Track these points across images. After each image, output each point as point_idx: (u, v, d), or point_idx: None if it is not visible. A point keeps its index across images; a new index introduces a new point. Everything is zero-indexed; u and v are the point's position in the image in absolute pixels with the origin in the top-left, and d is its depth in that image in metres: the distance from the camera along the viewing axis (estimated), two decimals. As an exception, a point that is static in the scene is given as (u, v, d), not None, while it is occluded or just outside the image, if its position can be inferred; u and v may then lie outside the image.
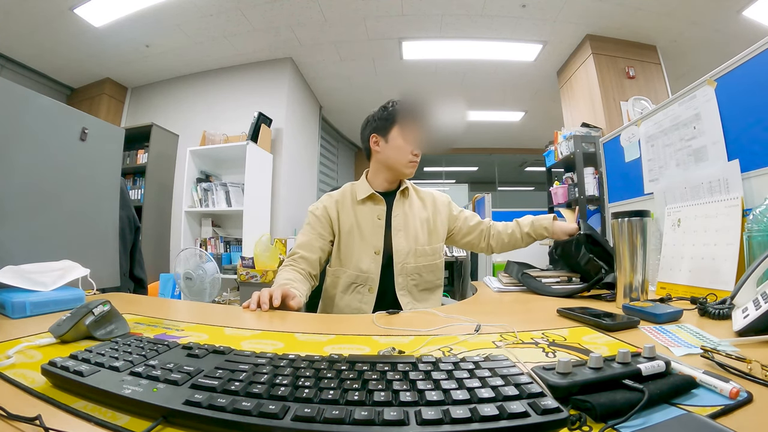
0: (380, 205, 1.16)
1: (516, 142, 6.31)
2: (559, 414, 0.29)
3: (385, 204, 1.16)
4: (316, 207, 1.19)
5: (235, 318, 0.73)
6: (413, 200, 1.22)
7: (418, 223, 1.17)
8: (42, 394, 0.34)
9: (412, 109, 1.13)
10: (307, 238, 1.13)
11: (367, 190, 1.17)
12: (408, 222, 1.17)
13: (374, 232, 1.13)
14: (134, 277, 1.70)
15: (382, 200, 1.16)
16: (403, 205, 1.19)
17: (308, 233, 1.15)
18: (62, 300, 0.73)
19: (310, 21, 3.29)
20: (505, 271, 1.21)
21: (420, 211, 1.21)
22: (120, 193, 1.59)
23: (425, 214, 1.20)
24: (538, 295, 0.99)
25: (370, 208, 1.16)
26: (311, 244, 1.12)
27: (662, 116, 1.25)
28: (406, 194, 1.21)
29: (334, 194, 1.23)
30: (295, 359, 0.39)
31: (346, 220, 1.15)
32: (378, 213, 1.15)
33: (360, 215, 1.16)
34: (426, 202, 1.24)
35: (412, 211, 1.19)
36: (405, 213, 1.17)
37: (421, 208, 1.22)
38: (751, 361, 0.38)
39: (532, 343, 0.52)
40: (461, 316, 0.70)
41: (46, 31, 3.21)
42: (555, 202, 3.42)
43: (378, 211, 1.16)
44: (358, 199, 1.17)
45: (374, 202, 1.17)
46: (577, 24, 3.28)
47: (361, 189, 1.19)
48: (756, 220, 0.75)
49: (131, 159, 3.66)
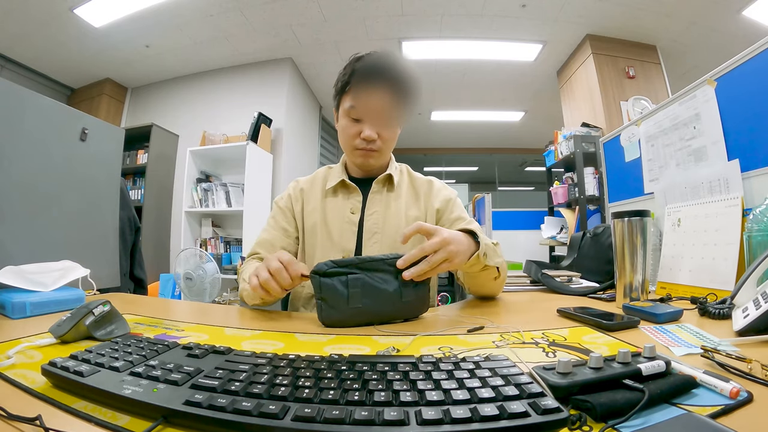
0: (355, 196, 0.92)
1: (516, 142, 6.32)
2: (559, 414, 0.29)
3: (361, 195, 0.92)
4: (281, 197, 0.99)
5: (235, 318, 0.73)
6: (401, 191, 0.95)
7: (403, 224, 0.90)
8: (42, 394, 0.34)
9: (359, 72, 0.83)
10: (268, 236, 0.93)
11: (337, 176, 0.93)
12: (388, 222, 0.90)
13: (344, 230, 0.89)
14: (134, 277, 1.70)
15: (356, 190, 0.92)
16: (383, 200, 0.92)
17: (270, 229, 0.95)
18: (62, 300, 0.73)
19: (310, 21, 3.29)
20: (524, 271, 1.18)
21: (409, 206, 0.93)
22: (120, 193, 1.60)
23: (415, 212, 0.93)
24: (537, 294, 1.00)
25: (342, 201, 0.92)
26: (272, 243, 0.92)
27: (662, 116, 1.25)
28: (390, 183, 0.94)
29: (301, 181, 1.00)
30: (295, 359, 0.39)
31: (311, 214, 0.93)
32: (351, 206, 0.91)
33: (329, 208, 0.92)
34: (420, 195, 0.96)
35: (396, 207, 0.92)
36: (385, 209, 0.91)
37: (412, 202, 0.94)
38: (752, 360, 0.38)
39: (533, 343, 0.52)
40: (461, 317, 0.70)
41: (46, 32, 3.21)
42: (555, 202, 3.42)
43: (351, 205, 0.91)
44: (327, 187, 0.94)
45: (347, 192, 0.93)
46: (577, 24, 3.28)
47: (333, 175, 0.95)
48: (756, 220, 0.75)
49: (131, 159, 3.66)
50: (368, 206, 0.91)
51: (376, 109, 0.82)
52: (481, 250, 0.69)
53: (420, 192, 0.97)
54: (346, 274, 0.62)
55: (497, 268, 0.75)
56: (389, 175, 0.94)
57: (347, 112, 0.84)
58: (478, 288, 0.83)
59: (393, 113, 0.84)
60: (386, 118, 0.84)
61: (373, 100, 0.81)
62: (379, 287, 0.63)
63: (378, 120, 0.84)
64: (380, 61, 0.84)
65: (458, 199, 0.98)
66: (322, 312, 0.62)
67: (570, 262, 1.26)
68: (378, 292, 0.62)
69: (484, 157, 7.01)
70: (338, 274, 0.62)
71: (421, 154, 6.67)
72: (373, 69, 0.82)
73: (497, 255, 0.77)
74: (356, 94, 0.82)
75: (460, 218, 0.93)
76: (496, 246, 0.79)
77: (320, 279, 0.62)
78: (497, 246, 0.80)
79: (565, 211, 3.20)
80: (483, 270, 0.73)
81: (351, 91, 0.83)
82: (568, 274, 1.07)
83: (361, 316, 0.62)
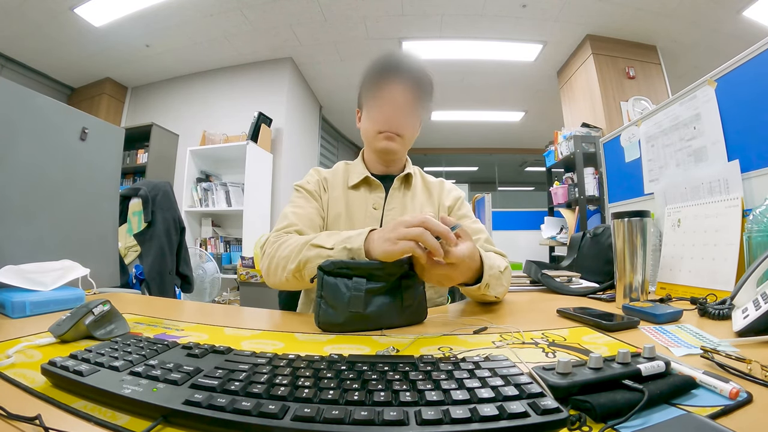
0: (378, 192, 0.95)
1: (516, 142, 6.32)
2: (559, 414, 0.29)
3: (384, 191, 0.95)
4: (307, 181, 0.97)
5: (235, 318, 0.73)
6: (417, 190, 0.99)
7: None
8: (42, 393, 0.34)
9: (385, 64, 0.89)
10: (304, 211, 0.88)
11: (361, 173, 0.95)
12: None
13: (366, 225, 0.89)
14: (180, 273, 1.81)
15: (380, 186, 0.95)
16: (402, 196, 0.96)
17: (306, 205, 0.90)
18: (62, 300, 0.72)
19: (310, 21, 3.29)
20: (524, 271, 1.18)
21: (423, 204, 0.98)
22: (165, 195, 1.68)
23: (429, 209, 0.98)
24: (537, 295, 1.00)
25: (365, 195, 0.95)
26: (311, 218, 0.87)
27: (662, 116, 1.25)
28: (408, 182, 0.99)
29: (322, 171, 1.01)
30: (295, 359, 0.39)
31: (335, 204, 0.93)
32: (374, 202, 0.94)
33: (352, 202, 0.94)
34: (433, 194, 1.01)
35: (413, 205, 0.96)
36: (404, 207, 0.95)
37: (427, 201, 0.99)
38: (751, 361, 0.38)
39: (532, 343, 0.52)
40: (461, 317, 0.70)
41: (46, 31, 3.21)
42: (555, 202, 3.42)
43: (374, 200, 0.94)
44: (350, 184, 0.95)
45: (370, 188, 0.96)
46: (577, 24, 3.28)
47: (355, 171, 0.97)
48: (756, 221, 0.75)
49: (131, 159, 3.67)
50: (388, 202, 0.94)
51: (400, 99, 0.88)
52: (483, 282, 0.68)
53: (433, 192, 1.01)
54: (350, 276, 0.61)
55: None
56: (408, 174, 0.98)
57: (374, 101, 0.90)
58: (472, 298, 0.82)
59: (415, 104, 0.90)
60: (409, 108, 0.89)
61: (398, 89, 0.87)
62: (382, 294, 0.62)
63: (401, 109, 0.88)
64: (404, 57, 0.95)
65: (465, 200, 1.04)
66: (320, 311, 0.60)
67: (570, 262, 1.26)
68: (381, 299, 0.61)
69: (484, 157, 7.01)
70: (343, 275, 0.61)
71: (421, 154, 6.67)
72: (399, 62, 0.90)
73: (500, 285, 0.75)
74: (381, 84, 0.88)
75: (466, 216, 0.98)
76: (503, 273, 0.76)
77: (324, 276, 0.61)
78: (506, 271, 0.78)
79: (565, 212, 3.20)
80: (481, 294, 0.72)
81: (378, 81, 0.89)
82: (567, 275, 1.07)
83: (360, 322, 0.60)
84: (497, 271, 0.73)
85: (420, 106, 0.91)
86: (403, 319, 0.63)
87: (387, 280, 0.62)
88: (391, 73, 0.88)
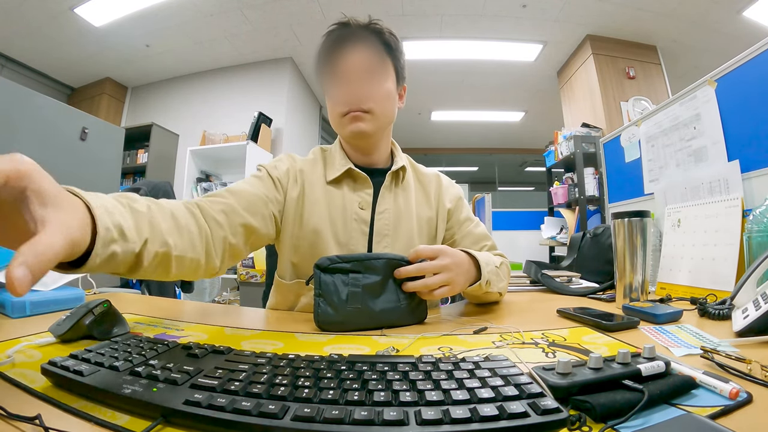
0: (365, 189, 0.78)
1: (516, 142, 6.32)
2: (559, 414, 0.29)
3: (371, 188, 0.78)
4: (275, 166, 0.78)
5: (235, 318, 0.73)
6: (409, 186, 0.83)
7: (415, 226, 0.79)
8: (42, 393, 0.34)
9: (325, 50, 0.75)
10: (253, 189, 0.70)
11: (342, 165, 0.78)
12: (400, 224, 0.78)
13: (352, 229, 0.75)
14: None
15: (367, 181, 0.77)
16: (394, 196, 0.80)
17: (256, 185, 0.72)
18: (62, 299, 0.72)
19: (310, 21, 3.29)
20: (524, 271, 1.18)
21: (420, 205, 0.83)
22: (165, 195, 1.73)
23: (427, 212, 0.83)
24: (537, 295, 1.00)
25: (347, 192, 0.77)
26: (252, 202, 0.68)
27: (662, 116, 1.25)
28: (400, 178, 0.82)
29: (299, 160, 0.82)
30: (295, 359, 0.39)
31: (314, 209, 0.75)
32: (360, 200, 0.77)
33: (332, 202, 0.77)
34: (429, 191, 0.85)
35: (407, 207, 0.80)
36: (398, 209, 0.79)
37: (422, 200, 0.84)
38: (751, 361, 0.38)
39: (532, 343, 0.52)
40: (461, 317, 0.70)
41: (46, 31, 3.21)
42: (555, 202, 3.42)
43: (360, 199, 0.77)
44: (329, 179, 0.78)
45: (354, 183, 0.78)
46: (577, 24, 3.28)
47: (334, 162, 0.79)
48: (756, 221, 0.75)
49: (131, 159, 3.67)
50: (379, 203, 0.78)
51: (357, 66, 0.73)
52: (484, 279, 0.67)
53: (429, 189, 0.86)
54: (347, 271, 0.61)
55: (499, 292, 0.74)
56: (402, 168, 0.82)
57: (330, 80, 0.75)
58: (475, 301, 0.81)
59: (377, 68, 0.75)
60: (370, 75, 0.74)
61: (351, 55, 0.73)
62: (380, 290, 0.62)
63: (360, 79, 0.73)
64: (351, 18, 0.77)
65: (465, 199, 0.92)
66: (319, 310, 0.60)
67: (570, 262, 1.26)
68: (379, 295, 0.62)
69: (484, 157, 7.01)
70: (339, 270, 0.61)
71: (421, 154, 6.67)
72: (345, 24, 0.77)
73: (500, 279, 0.73)
74: (332, 56, 0.74)
75: (468, 219, 0.88)
76: (500, 268, 0.74)
77: (321, 274, 0.61)
78: (502, 266, 0.76)
79: (565, 212, 3.20)
80: (484, 294, 0.72)
81: (327, 57, 0.75)
82: (567, 275, 1.07)
83: (359, 319, 0.60)
84: (493, 267, 0.73)
85: (384, 71, 0.75)
86: (402, 317, 0.63)
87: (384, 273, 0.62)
88: (341, 38, 0.73)
